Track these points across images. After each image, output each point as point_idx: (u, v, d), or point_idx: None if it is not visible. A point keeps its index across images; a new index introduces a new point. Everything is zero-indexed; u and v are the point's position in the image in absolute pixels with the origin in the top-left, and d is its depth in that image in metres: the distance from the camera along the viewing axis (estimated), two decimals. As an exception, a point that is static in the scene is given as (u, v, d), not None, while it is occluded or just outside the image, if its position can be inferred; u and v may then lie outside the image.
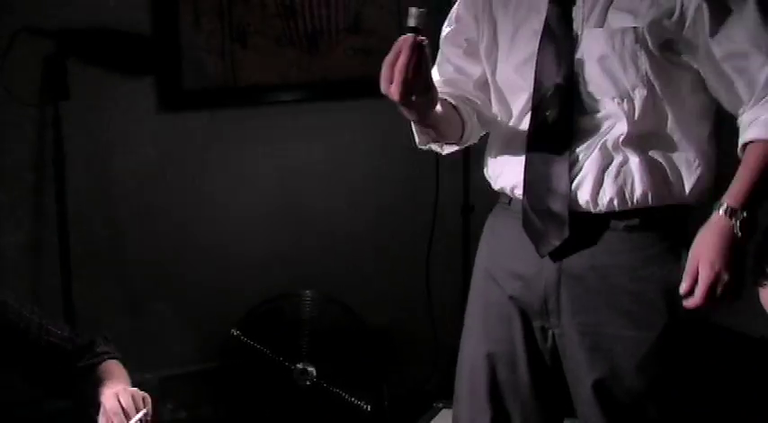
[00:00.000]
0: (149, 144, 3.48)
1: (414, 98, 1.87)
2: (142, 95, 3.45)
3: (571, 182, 2.00)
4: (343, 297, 3.55)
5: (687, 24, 1.91)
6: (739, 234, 1.84)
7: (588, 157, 2.00)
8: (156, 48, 3.43)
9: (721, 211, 1.86)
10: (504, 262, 2.17)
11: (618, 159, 1.99)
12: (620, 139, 1.98)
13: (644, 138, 1.98)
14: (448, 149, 2.21)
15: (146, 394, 2.08)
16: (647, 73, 1.94)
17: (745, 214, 1.85)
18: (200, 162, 3.53)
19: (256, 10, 3.51)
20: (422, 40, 1.83)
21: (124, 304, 3.47)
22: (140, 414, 2.01)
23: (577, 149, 2.00)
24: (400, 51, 1.83)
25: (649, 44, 1.92)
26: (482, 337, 2.18)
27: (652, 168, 1.98)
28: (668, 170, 2.00)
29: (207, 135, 3.52)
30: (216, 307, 3.55)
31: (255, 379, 3.41)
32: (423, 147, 2.16)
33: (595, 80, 1.97)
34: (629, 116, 1.97)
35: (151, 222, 3.51)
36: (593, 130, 2.00)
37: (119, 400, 2.02)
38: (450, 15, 2.22)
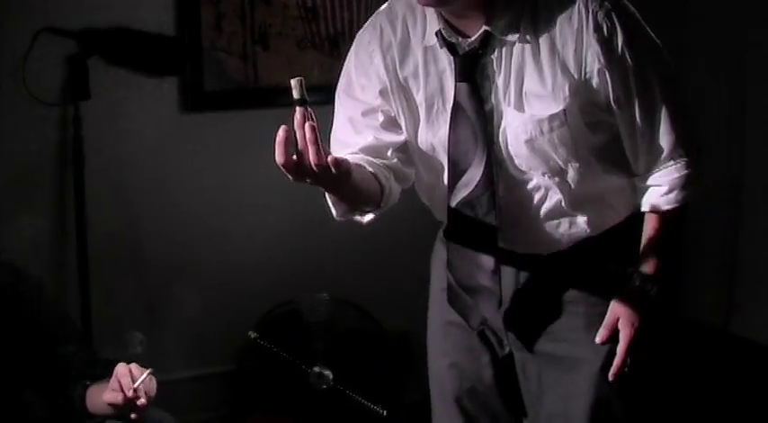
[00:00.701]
0: (169, 144, 3.48)
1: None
2: (163, 96, 3.46)
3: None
4: (361, 301, 3.55)
5: (600, 91, 1.85)
6: (655, 295, 1.96)
7: (522, 228, 1.98)
8: (177, 49, 3.44)
9: (639, 282, 1.96)
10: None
11: (557, 220, 1.97)
12: (555, 207, 1.95)
13: (580, 199, 1.95)
14: (368, 217, 1.98)
15: (153, 378, 2.23)
16: (580, 149, 1.89)
17: (659, 279, 1.96)
18: (220, 163, 3.53)
19: (278, 12, 3.52)
20: (309, 114, 1.66)
21: (141, 305, 3.47)
22: (145, 375, 2.17)
23: (506, 225, 1.97)
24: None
25: (577, 122, 1.86)
26: (444, 348, 2.18)
27: (595, 218, 1.98)
28: (610, 212, 2.00)
29: (227, 136, 3.52)
30: (233, 309, 3.55)
31: (272, 382, 3.40)
32: (340, 219, 1.95)
33: (523, 157, 1.90)
34: (564, 188, 1.93)
35: (169, 222, 3.52)
36: (524, 201, 1.96)
37: (129, 368, 2.19)
38: (347, 88, 2.01)
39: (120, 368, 2.22)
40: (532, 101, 1.85)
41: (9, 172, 2.94)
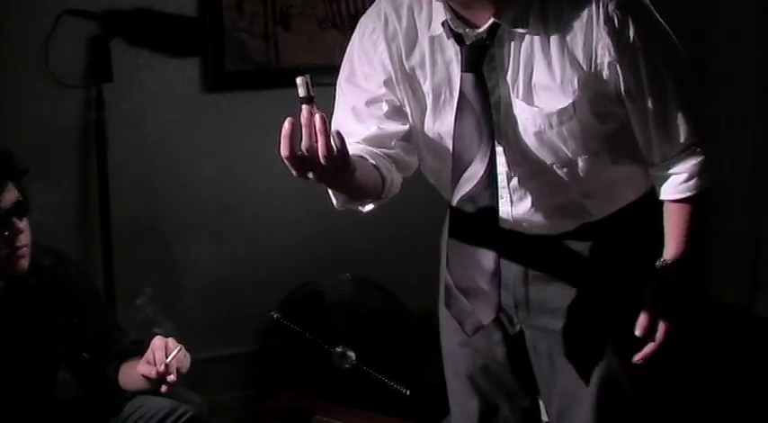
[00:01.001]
0: (191, 124, 3.49)
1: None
2: (185, 77, 3.46)
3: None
4: (383, 281, 3.55)
5: (610, 83, 1.82)
6: (687, 285, 1.96)
7: (530, 214, 1.97)
8: (199, 30, 3.44)
9: (668, 271, 1.95)
10: None
11: (565, 206, 1.97)
12: (564, 195, 1.95)
13: (589, 188, 1.94)
14: (369, 208, 1.95)
15: (187, 354, 2.28)
16: (591, 144, 1.87)
17: (689, 267, 1.94)
18: (242, 142, 3.54)
19: (299, -7, 3.51)
20: (316, 112, 1.64)
21: (164, 285, 3.49)
22: (177, 350, 2.22)
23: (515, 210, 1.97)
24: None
25: (586, 114, 1.83)
26: (456, 327, 2.15)
27: (603, 204, 1.98)
28: (619, 197, 2.00)
29: (249, 116, 3.52)
30: (256, 289, 3.56)
31: (296, 362, 3.42)
32: (340, 208, 1.92)
33: (532, 149, 1.88)
34: (573, 178, 1.91)
35: (191, 202, 3.53)
36: (533, 190, 1.95)
37: (165, 342, 2.24)
38: (350, 76, 1.98)
39: (157, 341, 2.26)
40: (541, 93, 1.83)
41: (33, 154, 2.94)
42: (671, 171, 1.90)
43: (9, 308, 2.33)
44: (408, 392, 3.17)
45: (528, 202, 1.96)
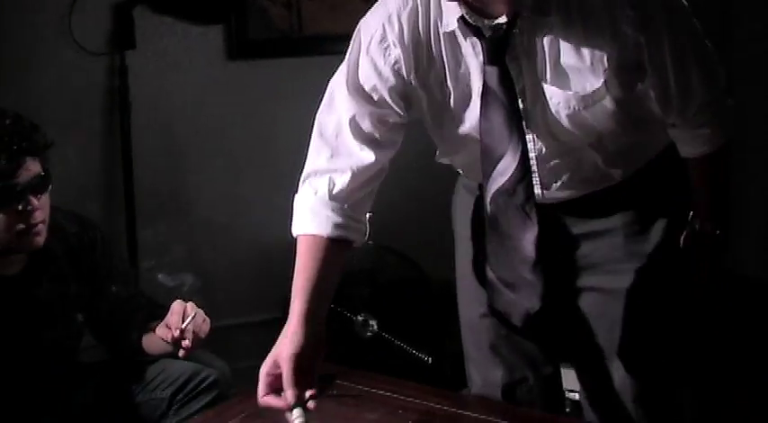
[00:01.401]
0: (215, 92, 3.50)
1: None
2: (209, 44, 3.47)
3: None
4: (405, 249, 3.55)
5: (635, 55, 1.81)
6: (721, 235, 2.03)
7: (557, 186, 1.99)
8: (222, -3, 3.44)
9: (703, 226, 2.02)
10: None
11: (592, 175, 1.97)
12: (591, 166, 1.96)
13: (616, 156, 1.95)
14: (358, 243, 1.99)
15: (207, 319, 2.30)
16: (620, 116, 1.86)
17: (722, 218, 2.03)
18: (265, 110, 3.54)
19: (323, -40, 3.50)
20: None
21: (187, 253, 3.51)
22: (191, 316, 2.23)
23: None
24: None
25: (616, 89, 1.82)
26: (476, 296, 2.16)
27: (629, 166, 1.99)
28: (643, 157, 2.01)
29: (272, 83, 3.53)
30: (278, 257, 3.57)
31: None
32: None
33: (563, 130, 1.87)
34: (601, 150, 1.92)
35: (213, 169, 3.54)
36: (562, 166, 1.95)
37: (185, 307, 2.26)
38: (353, 84, 1.89)
39: (176, 305, 2.28)
40: (572, 76, 1.81)
41: (57, 122, 2.96)
42: (693, 129, 1.91)
43: (35, 275, 2.35)
44: (430, 360, 3.18)
45: (557, 181, 1.97)
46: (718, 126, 1.91)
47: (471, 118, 1.89)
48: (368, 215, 1.98)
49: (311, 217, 1.94)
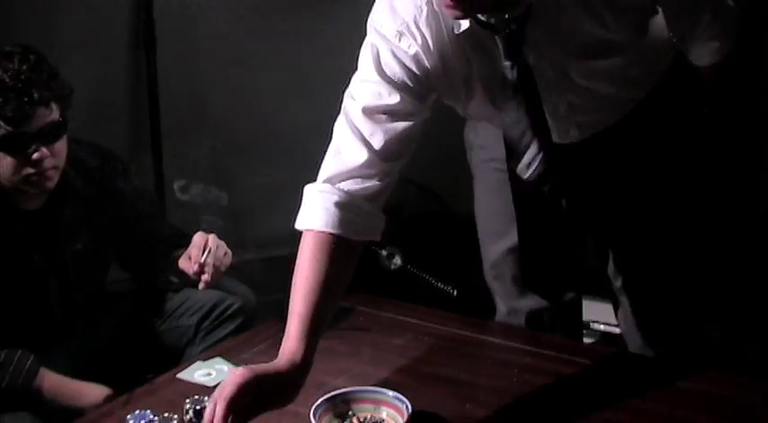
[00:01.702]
0: (242, 30, 3.48)
1: None
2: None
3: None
4: (429, 182, 3.55)
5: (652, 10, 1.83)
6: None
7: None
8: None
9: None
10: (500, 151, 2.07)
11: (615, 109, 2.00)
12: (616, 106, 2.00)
13: (636, 88, 1.99)
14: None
15: (229, 251, 2.30)
16: (645, 54, 1.88)
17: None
18: (291, 46, 3.52)
19: None
20: None
21: (213, 189, 3.52)
22: (210, 250, 2.25)
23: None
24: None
25: (641, 39, 1.84)
26: (498, 233, 2.23)
27: (645, 91, 2.01)
28: (655, 78, 2.02)
29: (298, 19, 3.51)
30: (301, 191, 3.58)
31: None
32: None
33: (599, 89, 1.90)
34: (627, 88, 1.95)
35: (239, 106, 3.55)
36: (583, 106, 1.96)
37: (206, 239, 2.27)
38: (370, 80, 1.93)
39: (197, 238, 2.30)
40: (600, 46, 1.80)
41: (81, 56, 2.97)
42: (704, 40, 1.91)
43: (55, 209, 2.36)
44: (455, 292, 3.19)
45: (584, 130, 2.00)
46: (726, 37, 1.91)
47: (492, 110, 1.92)
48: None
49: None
